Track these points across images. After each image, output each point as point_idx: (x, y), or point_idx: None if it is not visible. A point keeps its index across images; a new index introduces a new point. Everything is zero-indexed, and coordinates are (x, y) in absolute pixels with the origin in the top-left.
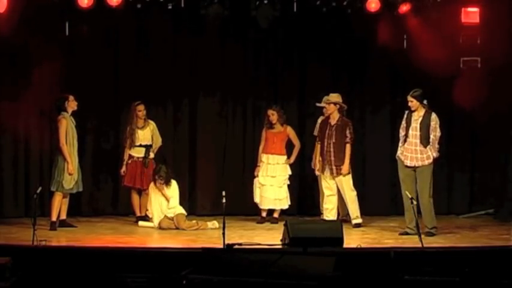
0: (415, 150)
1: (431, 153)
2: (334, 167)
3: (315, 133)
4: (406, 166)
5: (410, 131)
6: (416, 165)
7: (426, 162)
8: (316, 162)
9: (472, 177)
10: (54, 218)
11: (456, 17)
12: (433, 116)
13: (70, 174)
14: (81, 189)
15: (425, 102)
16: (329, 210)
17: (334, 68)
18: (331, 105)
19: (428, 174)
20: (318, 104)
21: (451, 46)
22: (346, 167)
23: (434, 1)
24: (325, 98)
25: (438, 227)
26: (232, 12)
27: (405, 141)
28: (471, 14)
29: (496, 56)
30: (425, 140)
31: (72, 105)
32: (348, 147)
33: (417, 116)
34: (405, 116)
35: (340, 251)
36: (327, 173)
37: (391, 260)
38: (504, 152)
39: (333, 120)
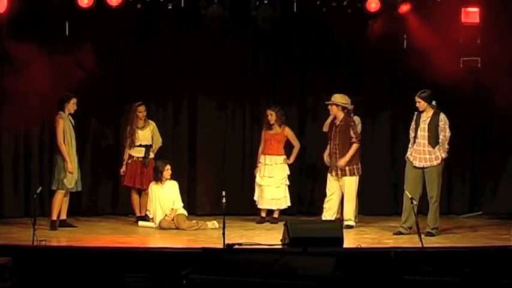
0: (424, 151)
1: (439, 153)
2: (339, 169)
3: (324, 129)
4: (415, 167)
5: (418, 132)
6: (425, 165)
7: (434, 162)
8: (325, 156)
9: (472, 177)
10: (54, 217)
11: (456, 17)
12: (442, 116)
13: (70, 172)
14: (80, 189)
15: (433, 103)
16: (326, 210)
17: (334, 68)
18: (333, 106)
19: (436, 175)
20: (326, 102)
21: (451, 46)
22: (344, 161)
23: (434, 1)
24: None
25: (439, 227)
26: (232, 12)
27: (414, 142)
28: (471, 14)
29: (496, 56)
30: (433, 141)
31: (70, 107)
32: (354, 146)
33: (425, 117)
34: (414, 117)
35: (340, 251)
36: (333, 173)
37: (391, 260)
38: (507, 152)
39: (338, 121)
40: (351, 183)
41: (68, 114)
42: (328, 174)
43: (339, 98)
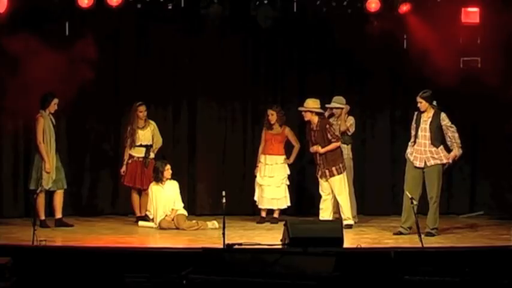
0: (425, 151)
1: (443, 154)
2: (326, 171)
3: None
4: (415, 167)
5: (419, 132)
6: (426, 166)
7: (435, 162)
8: None
9: (472, 176)
10: (42, 217)
11: (456, 17)
12: (443, 115)
13: (47, 172)
14: (65, 187)
15: (434, 103)
16: (323, 210)
17: (334, 69)
18: (307, 112)
19: (437, 175)
20: (299, 109)
21: (451, 46)
22: (323, 150)
23: (434, 1)
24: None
25: (438, 227)
26: (232, 12)
27: (415, 142)
28: (471, 14)
29: (496, 56)
30: (436, 141)
31: (51, 107)
32: (333, 144)
33: (426, 117)
34: (415, 116)
35: (340, 251)
36: (321, 176)
37: (391, 260)
38: (507, 152)
39: (314, 126)
40: (340, 182)
41: (49, 113)
42: (318, 177)
43: (311, 103)
